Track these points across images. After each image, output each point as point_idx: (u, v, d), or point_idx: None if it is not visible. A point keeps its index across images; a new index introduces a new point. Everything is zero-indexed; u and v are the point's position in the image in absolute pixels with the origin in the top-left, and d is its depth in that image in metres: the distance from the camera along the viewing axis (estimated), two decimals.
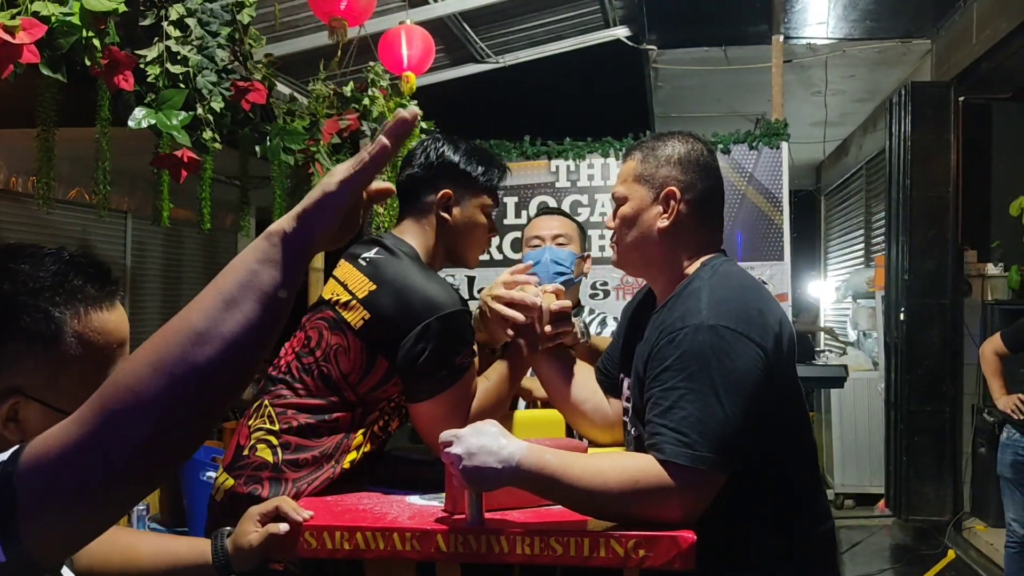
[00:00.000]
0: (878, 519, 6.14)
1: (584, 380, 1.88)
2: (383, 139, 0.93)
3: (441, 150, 1.86)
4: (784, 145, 5.43)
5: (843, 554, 5.34)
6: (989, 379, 4.16)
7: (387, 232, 1.87)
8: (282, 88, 4.65)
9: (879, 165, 7.44)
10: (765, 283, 5.31)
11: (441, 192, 1.82)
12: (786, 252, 5.37)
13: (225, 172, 5.16)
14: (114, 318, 1.05)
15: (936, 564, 5.28)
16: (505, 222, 5.48)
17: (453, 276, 4.86)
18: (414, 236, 1.83)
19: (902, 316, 6.02)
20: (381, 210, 3.97)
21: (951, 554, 5.46)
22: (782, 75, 5.89)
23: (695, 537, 1.35)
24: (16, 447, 0.83)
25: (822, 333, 8.70)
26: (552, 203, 5.58)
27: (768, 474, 1.52)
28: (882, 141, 6.67)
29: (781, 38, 5.96)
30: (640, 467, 1.40)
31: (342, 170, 0.93)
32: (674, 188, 1.63)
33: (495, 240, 5.35)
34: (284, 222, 0.90)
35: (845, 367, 4.90)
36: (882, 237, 7.07)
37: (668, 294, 1.62)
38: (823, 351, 7.80)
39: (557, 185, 5.62)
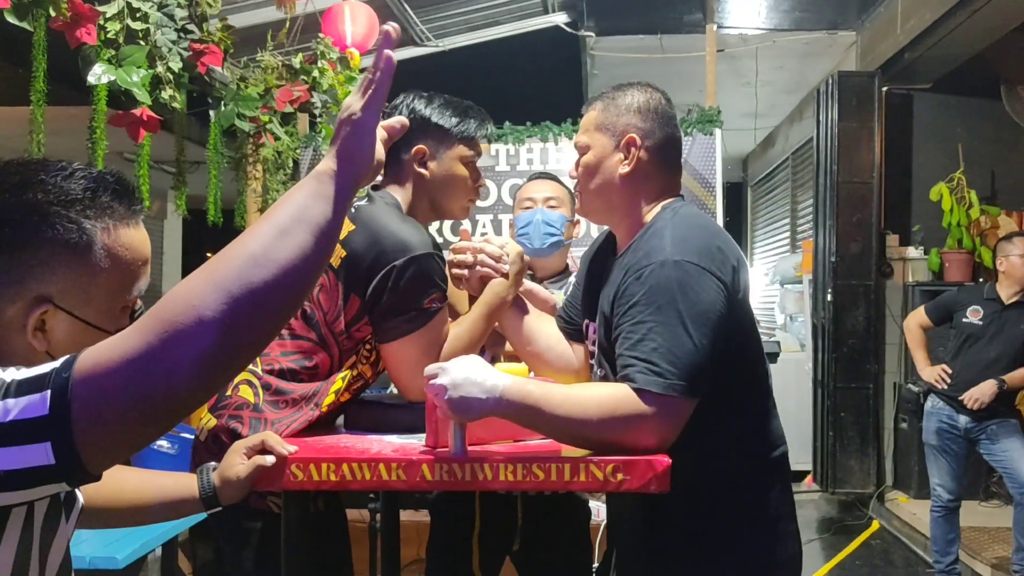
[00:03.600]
0: (805, 493, 6.36)
1: (547, 329, 1.93)
2: (386, 52, 0.99)
3: (412, 105, 1.87)
4: (717, 132, 5.55)
5: None
6: (914, 351, 4.32)
7: (373, 189, 1.89)
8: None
9: (805, 155, 7.66)
10: None
11: (415, 148, 1.83)
12: None
13: (155, 157, 5.05)
14: (139, 236, 1.08)
15: (861, 534, 5.51)
16: None
17: None
18: (396, 193, 1.85)
19: (829, 297, 6.24)
20: None
21: (875, 524, 5.70)
22: (716, 63, 6.04)
23: (670, 461, 1.42)
24: (68, 356, 0.86)
25: None
26: (492, 186, 5.62)
27: (726, 402, 1.59)
28: (808, 131, 6.87)
29: (715, 27, 6.12)
30: (618, 396, 1.46)
31: (356, 98, 0.99)
32: (634, 135, 1.68)
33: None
34: (329, 162, 0.97)
35: (778, 343, 5.07)
36: (807, 225, 7.30)
37: (630, 238, 1.68)
38: None
39: (497, 169, 5.64)
